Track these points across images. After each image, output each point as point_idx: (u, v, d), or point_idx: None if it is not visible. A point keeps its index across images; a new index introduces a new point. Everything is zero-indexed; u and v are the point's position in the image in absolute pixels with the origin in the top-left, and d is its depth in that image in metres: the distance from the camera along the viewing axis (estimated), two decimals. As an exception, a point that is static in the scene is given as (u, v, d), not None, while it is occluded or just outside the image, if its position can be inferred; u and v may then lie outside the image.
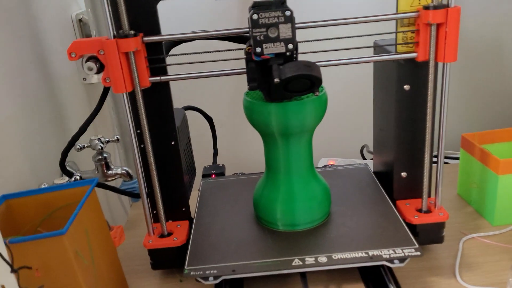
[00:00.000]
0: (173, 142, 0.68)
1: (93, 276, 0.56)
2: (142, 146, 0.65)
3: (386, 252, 0.61)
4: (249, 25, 0.57)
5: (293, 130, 0.63)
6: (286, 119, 0.62)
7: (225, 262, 0.62)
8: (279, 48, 0.57)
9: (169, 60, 0.66)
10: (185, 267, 0.62)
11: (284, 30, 0.56)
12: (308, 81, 0.57)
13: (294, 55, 0.59)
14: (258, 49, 0.57)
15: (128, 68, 0.59)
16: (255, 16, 0.56)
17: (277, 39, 0.57)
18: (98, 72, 0.62)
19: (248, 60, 0.59)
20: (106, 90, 0.68)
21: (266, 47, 0.57)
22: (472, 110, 1.20)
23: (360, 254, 0.61)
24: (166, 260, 0.69)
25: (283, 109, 0.61)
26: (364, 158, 1.12)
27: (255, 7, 0.57)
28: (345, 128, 1.19)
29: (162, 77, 0.63)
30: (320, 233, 0.67)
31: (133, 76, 0.60)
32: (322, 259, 0.61)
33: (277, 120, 0.62)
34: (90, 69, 0.60)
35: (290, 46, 0.57)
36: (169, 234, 0.69)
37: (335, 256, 0.61)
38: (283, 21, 0.56)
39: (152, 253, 0.68)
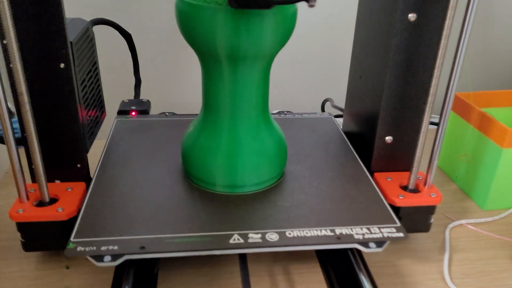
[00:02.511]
0: (62, 65, 0.45)
1: None
2: (11, 66, 0.42)
3: (358, 231, 0.44)
4: None
5: (246, 53, 0.42)
6: (237, 34, 0.40)
7: (132, 234, 0.42)
8: None
9: None
10: (71, 238, 0.41)
11: None
12: None
13: None
14: None
15: None
16: None
17: None
18: None
19: None
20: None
21: None
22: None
23: (323, 232, 0.43)
24: (45, 240, 0.47)
25: (234, 19, 0.40)
26: (324, 114, 0.93)
27: None
28: (303, 78, 0.99)
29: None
30: (270, 199, 0.49)
31: None
32: (272, 236, 0.43)
33: (224, 34, 0.40)
34: None
35: None
36: (53, 201, 0.47)
37: (289, 234, 0.43)
38: None
39: (24, 228, 0.46)
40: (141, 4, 0.86)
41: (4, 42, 0.41)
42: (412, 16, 0.47)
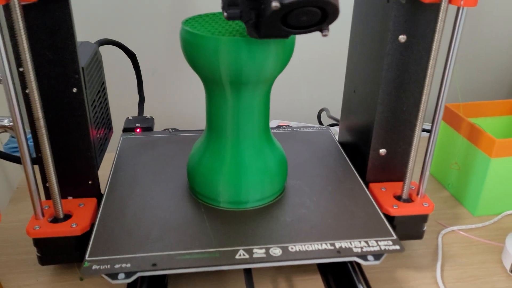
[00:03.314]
0: (74, 89, 0.48)
1: None
2: (27, 91, 0.44)
3: (357, 245, 0.47)
4: None
5: (248, 78, 0.45)
6: (239, 61, 0.44)
7: (143, 252, 0.45)
8: None
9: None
10: (86, 257, 0.44)
11: None
12: (318, 12, 0.39)
13: None
14: None
15: (-3, -35, 0.38)
16: None
17: None
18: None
19: None
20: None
21: None
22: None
23: (324, 246, 0.46)
24: (60, 254, 0.49)
25: (237, 47, 0.43)
26: (321, 123, 0.96)
27: None
28: (300, 88, 1.03)
29: (57, -11, 0.42)
30: (273, 215, 0.52)
31: (5, -20, 0.38)
32: (275, 251, 0.45)
33: (227, 62, 0.44)
34: None
35: None
36: (67, 216, 0.50)
37: (292, 248, 0.46)
38: None
39: (40, 243, 0.49)
40: (143, 22, 0.89)
41: (21, 69, 0.45)
42: (402, 38, 0.50)
